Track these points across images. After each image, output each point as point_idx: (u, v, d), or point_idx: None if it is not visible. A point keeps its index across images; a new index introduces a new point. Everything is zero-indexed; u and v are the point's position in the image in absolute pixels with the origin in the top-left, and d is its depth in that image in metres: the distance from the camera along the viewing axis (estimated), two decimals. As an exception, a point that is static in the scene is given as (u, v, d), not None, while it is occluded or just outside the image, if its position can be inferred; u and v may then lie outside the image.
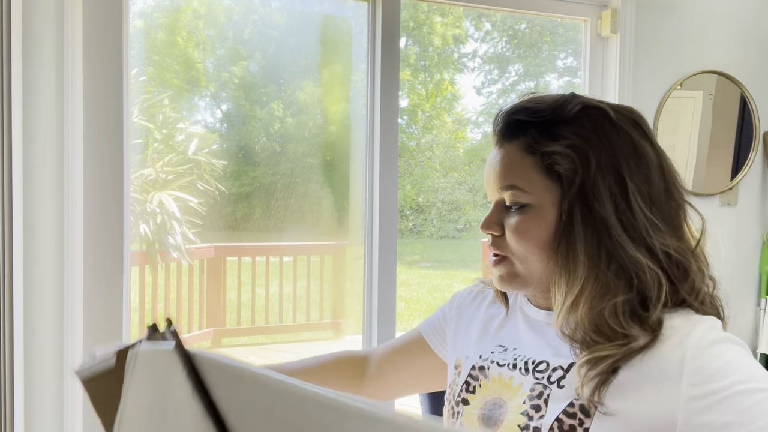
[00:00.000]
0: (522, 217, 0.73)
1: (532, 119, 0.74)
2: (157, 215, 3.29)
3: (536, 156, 0.72)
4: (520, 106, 0.76)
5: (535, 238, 0.72)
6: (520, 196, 0.73)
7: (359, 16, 1.88)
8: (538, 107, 0.74)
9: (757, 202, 2.11)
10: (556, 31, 9.30)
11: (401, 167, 9.40)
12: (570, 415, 0.68)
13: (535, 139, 0.72)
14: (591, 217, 0.68)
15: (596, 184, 0.68)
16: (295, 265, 4.38)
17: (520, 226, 0.73)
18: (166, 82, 2.80)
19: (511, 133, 0.75)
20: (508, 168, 0.74)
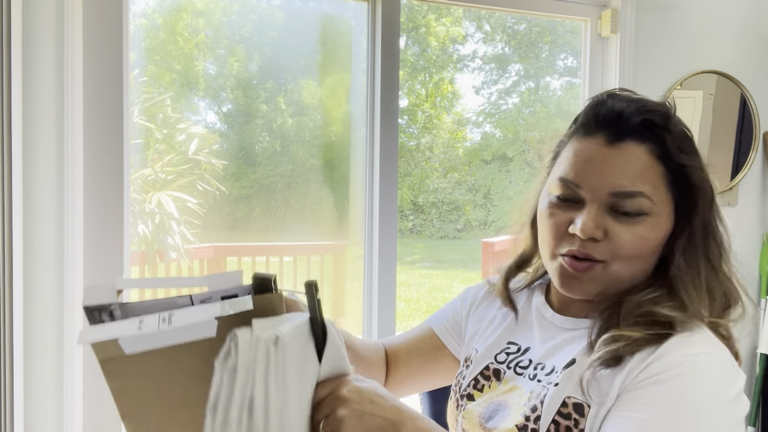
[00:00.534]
0: (642, 226, 0.69)
1: (667, 126, 0.71)
2: (155, 215, 3.29)
3: (664, 166, 0.70)
4: (649, 106, 0.72)
5: (649, 248, 0.69)
6: (645, 205, 0.68)
7: (359, 16, 1.88)
8: (668, 113, 0.72)
9: (757, 202, 2.11)
10: (556, 31, 9.30)
11: (401, 167, 9.40)
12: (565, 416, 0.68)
13: (669, 149, 0.70)
14: (711, 234, 0.71)
15: (712, 199, 0.72)
16: (295, 265, 4.37)
17: (641, 234, 0.68)
18: (166, 82, 2.80)
19: (640, 134, 0.70)
20: (637, 173, 0.68)
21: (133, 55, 1.65)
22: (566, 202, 0.71)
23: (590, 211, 0.68)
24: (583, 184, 0.69)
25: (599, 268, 0.70)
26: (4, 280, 1.29)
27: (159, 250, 3.52)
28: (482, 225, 10.27)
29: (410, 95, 10.26)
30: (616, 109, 0.71)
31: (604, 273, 0.70)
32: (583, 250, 0.69)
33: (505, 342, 0.82)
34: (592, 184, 0.69)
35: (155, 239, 3.37)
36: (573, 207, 0.70)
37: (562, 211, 0.71)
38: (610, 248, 0.68)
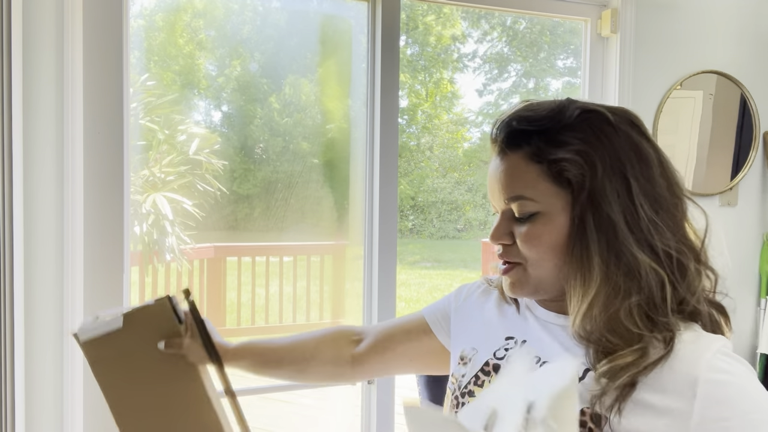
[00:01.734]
0: (532, 226, 0.73)
1: (534, 127, 0.73)
2: (150, 216, 3.29)
3: (542, 164, 0.72)
4: (518, 115, 0.75)
5: (547, 244, 0.73)
6: (529, 206, 0.73)
7: (359, 16, 1.88)
8: (538, 115, 0.74)
9: (757, 202, 2.11)
10: (556, 31, 9.30)
11: (401, 167, 9.42)
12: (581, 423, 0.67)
13: (539, 148, 0.72)
14: (602, 219, 0.70)
15: (604, 188, 0.70)
16: (295, 265, 4.38)
17: (531, 234, 0.73)
18: (166, 83, 2.80)
19: (514, 142, 0.74)
20: (514, 178, 0.74)
21: (133, 56, 1.65)
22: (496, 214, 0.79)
23: (496, 221, 0.77)
24: (491, 199, 0.79)
25: (520, 270, 0.76)
26: (4, 279, 1.29)
27: (156, 251, 3.52)
28: (482, 225, 10.27)
29: (410, 95, 10.26)
30: (498, 126, 0.77)
31: (525, 274, 0.76)
32: (503, 256, 0.77)
33: (503, 338, 0.83)
34: (494, 197, 0.78)
35: (151, 240, 3.38)
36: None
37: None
38: (518, 250, 0.75)
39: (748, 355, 2.11)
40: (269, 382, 1.62)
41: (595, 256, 0.69)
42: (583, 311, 0.70)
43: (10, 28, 1.28)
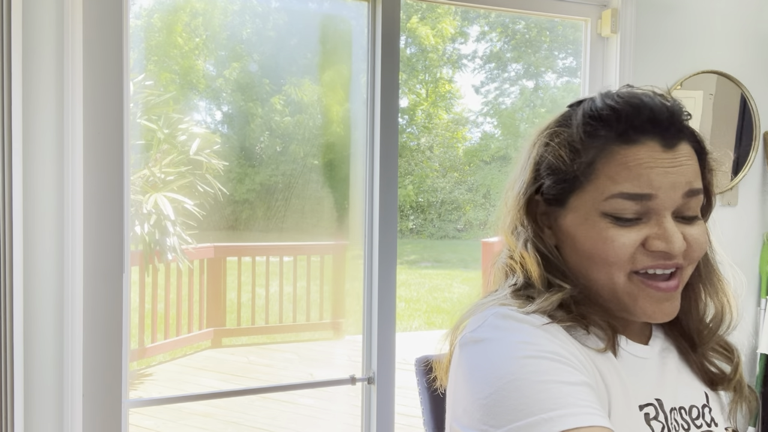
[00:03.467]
0: (703, 224, 0.66)
1: (689, 122, 0.68)
2: (152, 216, 3.29)
3: (699, 160, 0.67)
4: (681, 106, 0.68)
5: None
6: (702, 203, 0.67)
7: (359, 16, 1.88)
8: (683, 106, 0.69)
9: (757, 202, 2.11)
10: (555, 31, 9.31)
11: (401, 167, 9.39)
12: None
13: (699, 142, 0.68)
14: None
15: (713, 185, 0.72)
16: (295, 265, 4.38)
17: (706, 231, 0.67)
18: (166, 83, 2.80)
19: (684, 133, 0.66)
20: (696, 171, 0.65)
21: (133, 56, 1.65)
22: (627, 221, 0.64)
23: (670, 224, 0.63)
24: (657, 191, 0.63)
25: (681, 279, 0.66)
26: (4, 279, 1.29)
27: (157, 251, 3.52)
28: (482, 225, 10.27)
29: (410, 95, 10.27)
30: (665, 110, 0.65)
31: (682, 282, 0.66)
32: (670, 262, 0.64)
33: (636, 407, 0.65)
34: (667, 190, 0.63)
35: (152, 240, 3.38)
36: (635, 224, 0.64)
37: (627, 231, 0.64)
38: (689, 254, 0.65)
39: (748, 355, 2.11)
40: (269, 382, 1.62)
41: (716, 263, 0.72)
42: (727, 318, 0.69)
43: (10, 28, 1.28)
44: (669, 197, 0.63)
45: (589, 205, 0.65)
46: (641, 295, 0.63)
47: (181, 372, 3.90)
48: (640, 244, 0.63)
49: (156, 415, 3.26)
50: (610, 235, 0.63)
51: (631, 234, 0.63)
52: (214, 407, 3.35)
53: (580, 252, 0.66)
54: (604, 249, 0.63)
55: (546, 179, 0.68)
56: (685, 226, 0.64)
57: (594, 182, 0.64)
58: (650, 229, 0.63)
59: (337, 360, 4.21)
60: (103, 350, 1.45)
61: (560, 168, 0.67)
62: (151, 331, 3.90)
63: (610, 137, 0.64)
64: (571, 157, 0.66)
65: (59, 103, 1.37)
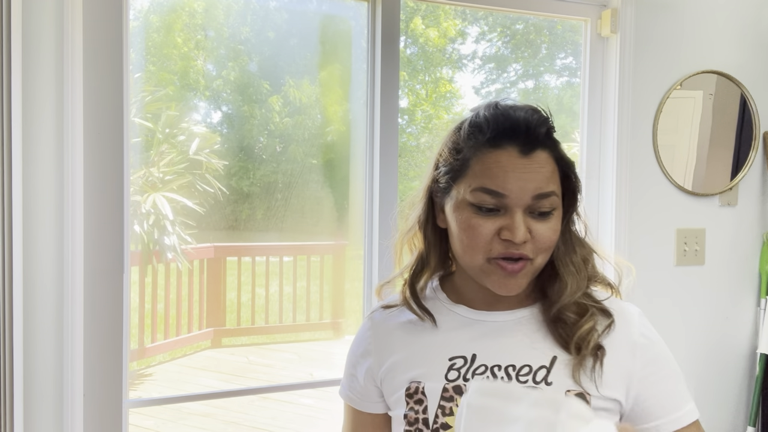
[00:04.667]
0: (554, 220, 0.79)
1: (551, 131, 0.82)
2: (150, 216, 3.29)
3: (558, 166, 0.81)
4: (542, 117, 0.82)
5: (558, 237, 0.81)
6: (556, 202, 0.79)
7: (359, 16, 1.88)
8: (548, 118, 0.83)
9: (757, 202, 2.11)
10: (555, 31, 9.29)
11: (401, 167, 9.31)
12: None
13: (557, 150, 0.82)
14: (575, 215, 0.87)
15: (578, 185, 0.86)
16: (295, 265, 4.38)
17: (555, 227, 0.80)
18: (165, 82, 2.80)
19: (543, 142, 0.79)
20: (548, 176, 0.78)
21: (133, 55, 1.65)
22: (486, 212, 0.78)
23: (518, 218, 0.77)
24: (509, 193, 0.77)
25: (529, 265, 0.79)
26: (4, 279, 1.29)
27: (155, 251, 3.52)
28: (482, 225, 10.23)
29: (410, 95, 10.26)
30: (522, 121, 0.79)
31: (532, 267, 0.79)
32: (517, 251, 0.77)
33: (446, 359, 0.83)
34: (517, 192, 0.77)
35: (151, 240, 3.37)
36: (494, 215, 0.78)
37: (486, 220, 0.78)
38: (535, 246, 0.78)
39: (748, 355, 2.11)
40: (269, 382, 1.62)
41: (578, 246, 0.86)
42: (572, 290, 0.81)
43: (10, 28, 1.28)
44: (519, 198, 0.76)
45: (462, 195, 0.80)
46: (492, 273, 0.78)
47: (181, 372, 3.90)
48: (496, 234, 0.77)
49: (156, 415, 3.26)
50: (473, 223, 0.78)
51: (489, 224, 0.77)
52: (214, 407, 3.36)
53: (454, 235, 0.82)
54: (469, 234, 0.78)
55: (440, 170, 0.84)
56: (534, 221, 0.77)
57: (467, 176, 0.80)
58: (504, 221, 0.77)
59: (337, 360, 4.21)
60: (103, 350, 1.45)
61: (447, 162, 0.83)
62: (151, 331, 3.90)
63: (481, 141, 0.80)
64: (454, 154, 0.82)
65: (59, 103, 1.37)
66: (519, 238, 0.76)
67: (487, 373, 0.80)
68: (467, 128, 0.82)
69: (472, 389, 0.65)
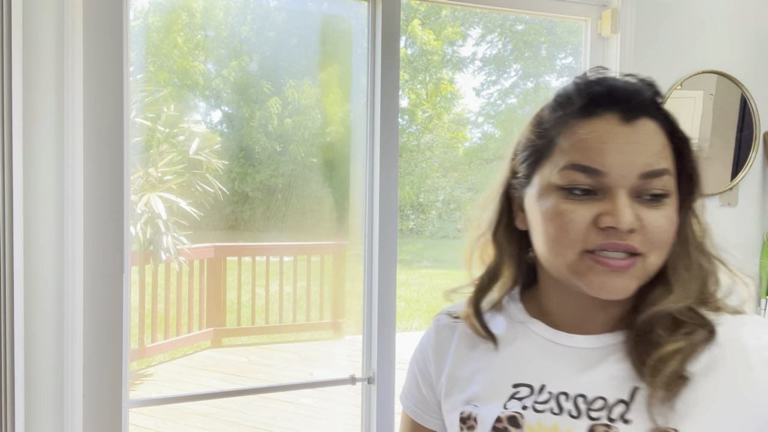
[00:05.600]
0: (668, 208, 0.62)
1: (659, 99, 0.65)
2: (144, 215, 3.29)
3: (671, 143, 0.63)
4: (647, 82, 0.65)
5: (675, 231, 0.63)
6: (669, 184, 0.62)
7: (359, 16, 1.88)
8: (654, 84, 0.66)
9: (757, 202, 2.11)
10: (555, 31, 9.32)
11: (401, 167, 9.36)
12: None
13: (669, 122, 0.64)
14: (700, 216, 0.67)
15: (700, 171, 0.67)
16: (295, 265, 4.38)
17: (670, 216, 0.62)
18: (167, 82, 2.80)
19: (649, 110, 0.63)
20: (659, 149, 0.61)
21: (133, 55, 1.65)
22: (580, 196, 0.61)
23: (622, 199, 0.59)
24: (609, 169, 0.60)
25: (639, 262, 0.61)
26: (4, 279, 1.29)
27: (151, 251, 3.52)
28: (482, 225, 10.24)
29: (410, 95, 10.27)
30: (622, 85, 0.63)
31: (643, 267, 0.61)
32: (622, 242, 0.60)
33: (509, 386, 0.69)
34: (620, 168, 0.60)
35: (145, 240, 3.38)
36: (590, 199, 0.61)
37: (579, 205, 0.61)
38: (647, 238, 0.60)
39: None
40: (269, 381, 1.62)
41: (694, 244, 0.66)
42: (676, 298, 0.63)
43: (10, 28, 1.28)
44: (622, 176, 0.60)
45: (547, 179, 0.64)
46: (591, 270, 0.61)
47: (181, 372, 3.90)
48: (592, 222, 0.60)
49: (156, 415, 3.26)
50: (561, 209, 0.61)
51: (583, 209, 0.61)
52: (214, 407, 3.36)
53: (537, 230, 0.65)
54: (557, 225, 0.62)
55: (519, 159, 0.69)
56: (644, 208, 0.60)
57: (553, 156, 0.64)
58: (603, 205, 0.60)
59: (337, 360, 4.21)
60: (103, 350, 1.45)
61: (528, 144, 0.68)
62: (151, 331, 3.91)
63: (570, 112, 0.64)
64: (537, 132, 0.67)
65: (59, 103, 1.37)
66: (625, 224, 0.58)
67: (551, 404, 0.64)
68: (553, 101, 0.67)
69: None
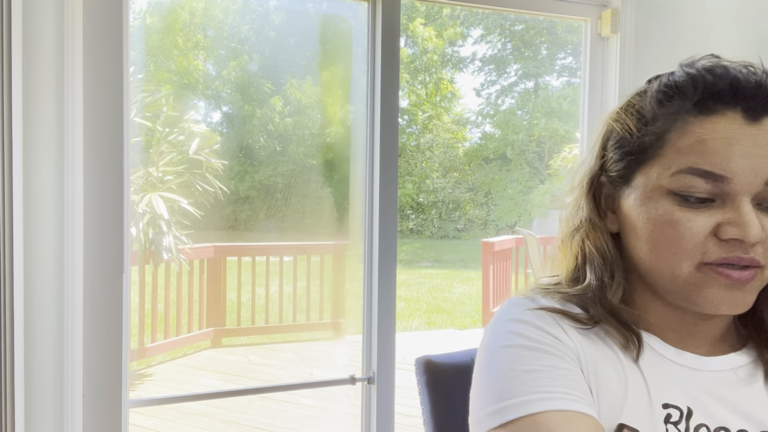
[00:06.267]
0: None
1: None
2: (146, 215, 3.29)
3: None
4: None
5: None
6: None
7: (359, 16, 1.88)
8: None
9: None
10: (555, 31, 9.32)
11: (401, 167, 9.37)
12: None
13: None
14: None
15: None
16: (295, 265, 4.38)
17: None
18: (166, 82, 2.80)
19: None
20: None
21: (132, 55, 1.65)
22: (694, 203, 0.55)
23: (747, 209, 0.54)
24: (734, 175, 0.54)
25: (759, 275, 0.56)
26: (4, 279, 1.29)
27: (152, 251, 3.52)
28: (483, 224, 10.27)
29: (410, 95, 10.28)
30: (750, 78, 0.58)
31: (762, 279, 0.56)
32: (746, 256, 0.54)
33: (660, 405, 0.58)
34: (746, 174, 0.54)
35: (147, 240, 3.38)
36: (707, 206, 0.55)
37: (696, 214, 0.55)
38: (764, 249, 0.55)
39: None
40: (269, 381, 1.62)
41: None
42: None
43: (10, 28, 1.28)
44: (747, 182, 0.54)
45: (655, 181, 0.57)
46: (709, 284, 0.55)
47: (181, 372, 3.90)
48: (711, 232, 0.55)
49: (156, 415, 3.26)
50: (675, 218, 0.55)
51: (701, 219, 0.55)
52: (214, 407, 3.36)
53: (641, 237, 0.59)
54: (669, 234, 0.56)
55: (612, 154, 0.62)
56: (765, 216, 0.55)
57: (662, 156, 0.57)
58: (723, 214, 0.55)
59: (337, 360, 4.21)
60: (103, 350, 1.45)
61: (627, 139, 0.61)
62: (151, 331, 3.91)
63: (685, 106, 0.58)
64: (639, 126, 0.60)
65: (59, 102, 1.37)
66: (754, 236, 0.53)
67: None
68: (659, 91, 0.61)
69: None
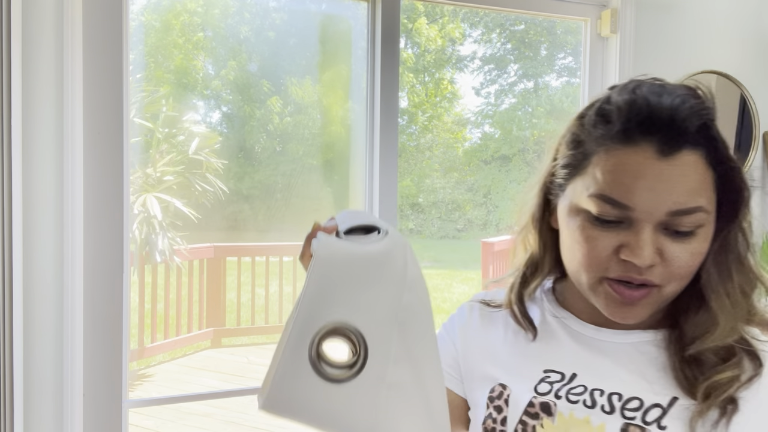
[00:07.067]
0: (697, 240, 0.61)
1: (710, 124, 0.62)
2: (139, 215, 3.29)
3: (715, 171, 0.61)
4: (700, 105, 0.63)
5: (701, 261, 0.62)
6: (702, 219, 0.60)
7: (359, 16, 1.88)
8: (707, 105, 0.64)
9: (757, 203, 2.11)
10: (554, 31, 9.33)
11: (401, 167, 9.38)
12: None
13: (716, 150, 0.61)
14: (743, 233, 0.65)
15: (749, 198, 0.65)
16: (295, 265, 4.38)
17: (697, 250, 0.61)
18: (166, 82, 2.80)
19: (693, 140, 0.60)
20: (695, 186, 0.59)
21: (132, 55, 1.65)
22: (606, 223, 0.61)
23: (645, 236, 0.59)
24: (636, 206, 0.59)
25: (655, 292, 0.62)
26: (4, 280, 1.29)
27: (146, 252, 3.52)
28: (483, 225, 10.28)
29: (410, 95, 10.28)
30: (665, 110, 0.60)
31: (659, 296, 0.62)
32: (640, 277, 0.60)
33: (540, 371, 0.70)
34: (647, 206, 0.59)
35: (141, 241, 3.38)
36: (616, 227, 0.61)
37: (603, 233, 0.61)
38: (666, 271, 0.60)
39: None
40: (269, 382, 1.62)
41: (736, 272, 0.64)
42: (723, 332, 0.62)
43: (10, 28, 1.28)
44: (649, 213, 0.59)
45: (577, 197, 0.64)
46: (605, 296, 0.63)
47: (181, 372, 3.91)
48: (614, 251, 0.61)
49: (156, 415, 3.27)
50: (586, 234, 0.62)
51: (607, 238, 0.61)
52: (214, 407, 3.36)
53: (564, 241, 0.67)
54: (580, 246, 0.63)
55: (560, 159, 0.68)
56: (669, 240, 0.60)
57: (585, 175, 0.63)
58: (626, 236, 0.60)
59: (337, 360, 4.20)
60: (103, 350, 1.45)
61: (566, 153, 0.67)
62: (150, 331, 3.91)
63: (608, 133, 0.62)
64: (577, 142, 0.66)
65: (59, 102, 1.37)
66: (643, 262, 0.59)
67: (585, 396, 0.65)
68: (593, 115, 0.66)
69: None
